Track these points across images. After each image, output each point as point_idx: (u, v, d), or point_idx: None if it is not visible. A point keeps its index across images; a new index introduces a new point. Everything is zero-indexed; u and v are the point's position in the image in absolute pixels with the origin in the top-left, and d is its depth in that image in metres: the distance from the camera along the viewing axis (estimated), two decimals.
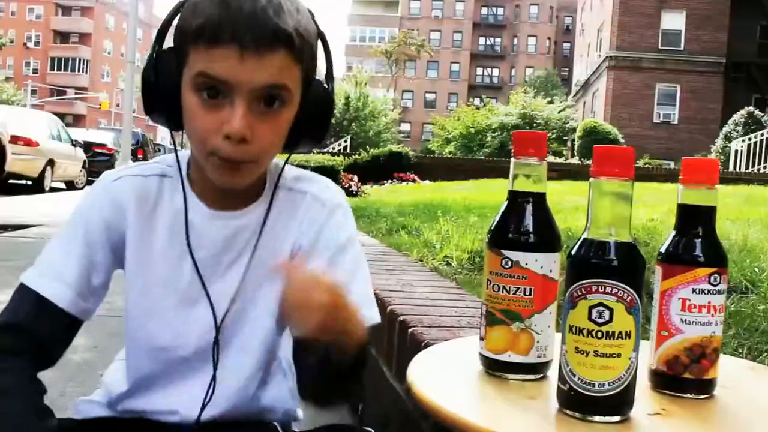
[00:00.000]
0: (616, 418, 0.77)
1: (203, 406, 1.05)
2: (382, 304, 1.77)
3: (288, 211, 1.07)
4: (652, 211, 4.63)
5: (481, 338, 0.93)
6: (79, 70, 69.33)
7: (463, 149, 27.23)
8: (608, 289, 0.75)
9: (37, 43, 69.70)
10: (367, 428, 1.00)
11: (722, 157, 19.43)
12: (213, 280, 1.05)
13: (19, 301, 1.01)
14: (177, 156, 1.06)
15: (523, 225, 0.90)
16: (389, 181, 12.45)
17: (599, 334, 0.76)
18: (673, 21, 28.48)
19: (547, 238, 0.91)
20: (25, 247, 5.26)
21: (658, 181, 11.18)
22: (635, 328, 0.76)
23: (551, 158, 20.32)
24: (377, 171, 12.84)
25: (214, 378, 1.05)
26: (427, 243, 3.34)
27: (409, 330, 1.47)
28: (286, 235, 1.06)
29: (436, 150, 29.51)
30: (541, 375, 0.92)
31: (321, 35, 1.01)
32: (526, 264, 0.89)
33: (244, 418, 1.09)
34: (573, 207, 5.00)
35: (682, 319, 0.87)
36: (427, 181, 12.51)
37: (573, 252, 0.79)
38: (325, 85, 1.02)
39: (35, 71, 68.64)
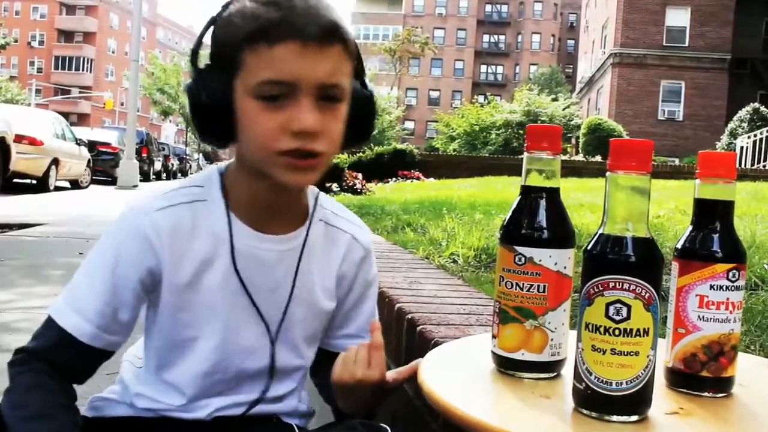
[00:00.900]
0: (634, 418, 0.75)
1: (251, 405, 1.08)
2: (389, 302, 1.75)
3: (329, 245, 1.12)
4: (658, 208, 4.61)
5: (494, 336, 0.91)
6: (83, 69, 69.43)
7: (467, 147, 27.21)
8: (626, 286, 0.73)
9: (41, 43, 69.82)
10: (383, 425, 0.99)
11: None
12: (262, 303, 1.06)
13: (44, 329, 1.01)
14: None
15: (537, 220, 0.89)
16: (393, 178, 12.42)
17: (617, 332, 0.74)
18: (678, 17, 28.38)
19: (561, 233, 0.89)
20: (29, 246, 5.26)
21: (662, 177, 11.15)
22: (653, 325, 0.74)
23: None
24: (381, 169, 12.82)
25: (262, 395, 1.08)
26: (433, 240, 3.32)
27: (418, 328, 1.45)
28: (326, 268, 1.12)
29: (441, 148, 29.47)
30: (555, 374, 0.90)
31: (356, 45, 1.02)
32: (540, 260, 0.87)
33: (263, 417, 1.10)
34: (578, 204, 4.97)
35: (699, 316, 0.85)
36: (431, 179, 12.48)
37: (589, 247, 0.77)
38: (368, 84, 1.05)
39: (39, 70, 68.76)
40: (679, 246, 0.89)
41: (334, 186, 8.81)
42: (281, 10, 0.90)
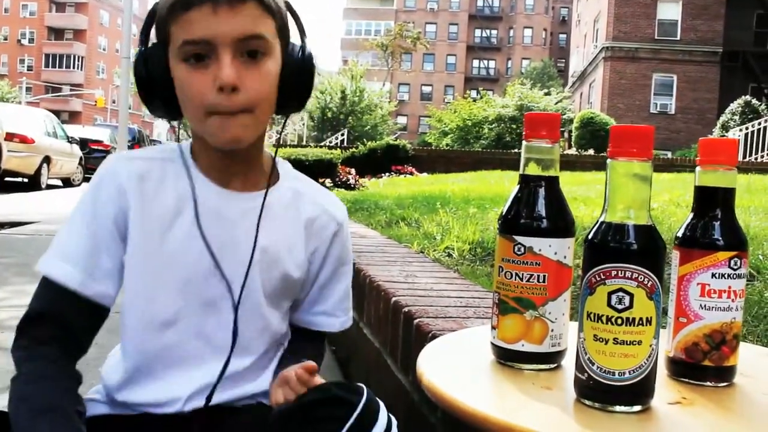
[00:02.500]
0: (638, 408, 0.74)
1: (211, 392, 1.05)
2: (385, 295, 1.74)
3: (298, 212, 1.13)
4: (652, 200, 4.61)
5: (493, 327, 0.90)
6: (74, 67, 69.05)
7: (460, 141, 27.16)
8: (628, 274, 0.72)
9: (31, 40, 69.39)
10: (359, 384, 0.99)
11: None
12: (223, 259, 1.06)
13: (40, 288, 1.05)
14: (178, 135, 1.11)
15: (536, 210, 0.87)
16: (387, 173, 12.40)
17: (619, 321, 0.73)
18: (669, 11, 28.41)
19: (560, 223, 0.88)
20: (21, 244, 5.23)
21: (656, 171, 11.13)
22: (656, 314, 0.73)
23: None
24: (375, 164, 12.79)
25: (227, 361, 1.06)
26: (428, 235, 3.31)
27: (415, 321, 1.44)
28: (293, 234, 1.13)
29: (434, 143, 29.41)
30: (556, 365, 0.89)
31: (288, 4, 1.07)
32: (540, 250, 0.86)
33: (242, 404, 1.09)
34: (571, 198, 4.97)
35: (701, 305, 0.84)
36: (424, 174, 12.46)
37: (590, 236, 0.76)
38: (304, 47, 1.08)
39: (30, 68, 68.35)
40: (679, 234, 0.88)
41: (327, 181, 8.80)
42: None
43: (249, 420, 1.07)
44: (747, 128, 17.65)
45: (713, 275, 0.84)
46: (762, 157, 16.81)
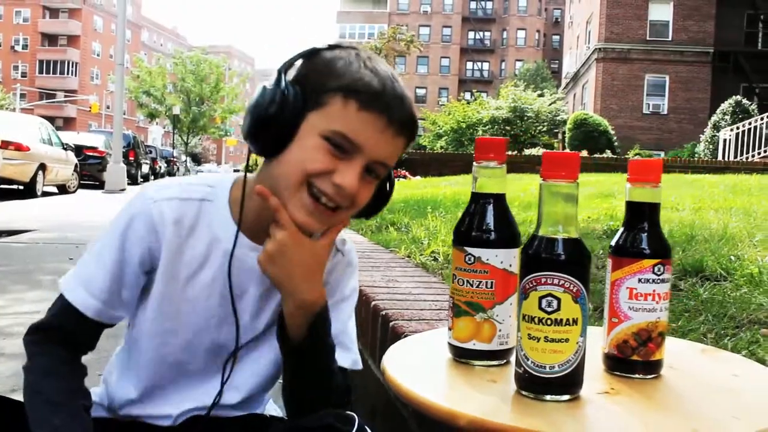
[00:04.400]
0: (566, 397, 0.85)
1: (208, 411, 1.14)
2: (366, 299, 1.85)
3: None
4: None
5: (449, 328, 1.01)
6: (68, 73, 69.09)
7: (454, 144, 27.28)
8: (556, 281, 0.83)
9: (24, 46, 69.41)
10: (350, 413, 1.06)
11: (711, 146, 19.58)
12: (240, 310, 1.12)
13: (58, 304, 1.10)
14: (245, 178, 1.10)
15: (485, 224, 0.98)
16: None
17: (549, 322, 0.84)
18: (661, 12, 28.62)
19: (506, 235, 0.99)
20: (18, 252, 5.31)
21: None
22: (582, 315, 0.85)
23: (543, 151, 20.36)
24: None
25: (220, 393, 1.14)
26: (416, 239, 3.41)
27: (391, 323, 1.55)
28: None
29: (428, 145, 29.53)
30: (505, 361, 1.00)
31: None
32: (487, 259, 0.97)
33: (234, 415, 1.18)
34: None
35: (629, 307, 0.95)
36: (418, 177, 12.58)
37: (526, 248, 0.87)
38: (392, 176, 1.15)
39: (24, 74, 68.37)
40: (613, 244, 0.99)
41: None
42: (382, 85, 1.00)
43: None
44: (738, 128, 17.81)
45: (640, 280, 0.95)
46: (752, 156, 16.96)
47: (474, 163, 1.01)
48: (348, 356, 1.16)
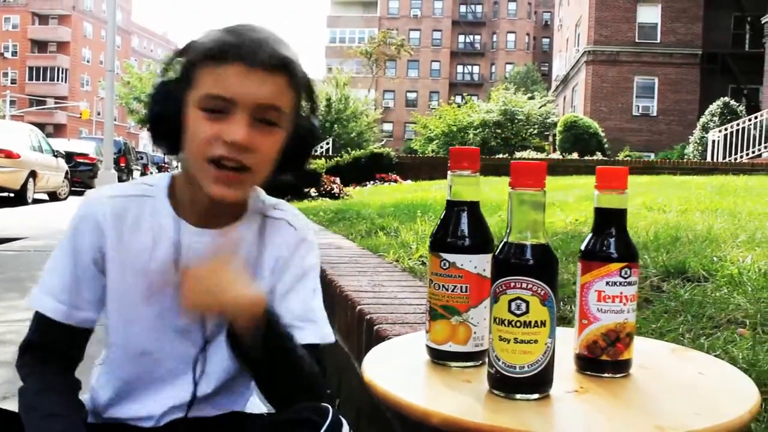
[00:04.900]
0: (536, 396, 0.89)
1: (186, 412, 1.17)
2: (352, 304, 1.89)
3: (268, 236, 1.20)
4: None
5: (426, 331, 1.05)
6: (58, 79, 68.90)
7: (445, 147, 27.34)
8: (524, 285, 0.88)
9: (14, 53, 69.19)
10: (325, 405, 1.07)
11: (700, 147, 19.70)
12: None
13: (33, 320, 1.16)
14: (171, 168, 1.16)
15: (459, 230, 1.02)
16: (371, 182, 12.56)
17: (518, 324, 0.88)
18: (649, 14, 28.81)
19: (479, 241, 1.03)
20: (9, 260, 5.32)
21: (636, 173, 11.34)
22: (550, 317, 0.89)
23: (533, 153, 20.52)
24: (359, 172, 12.95)
25: (195, 384, 1.17)
26: (404, 243, 3.45)
27: (375, 327, 1.59)
28: (267, 257, 1.19)
29: (419, 149, 29.62)
30: (480, 362, 1.04)
31: (308, 80, 1.14)
32: (462, 265, 1.01)
33: (215, 415, 1.21)
34: (550, 202, 5.11)
35: (598, 309, 0.99)
36: (409, 181, 12.63)
37: (496, 253, 0.91)
38: (312, 120, 1.16)
39: (13, 81, 68.13)
40: (582, 248, 1.03)
41: (312, 191, 8.93)
42: (238, 38, 1.04)
43: None
44: (726, 129, 17.94)
45: (607, 283, 0.99)
46: (741, 157, 17.09)
47: (449, 172, 1.05)
48: (317, 331, 1.17)
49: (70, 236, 1.15)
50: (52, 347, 1.14)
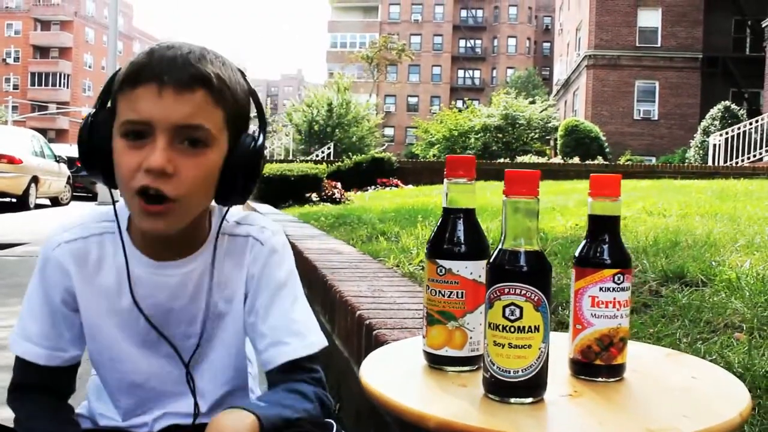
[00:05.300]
0: (530, 400, 0.91)
1: (194, 421, 1.18)
2: (352, 309, 1.90)
3: (235, 257, 1.15)
4: (626, 210, 4.76)
5: (423, 336, 1.07)
6: (60, 85, 69.08)
7: (446, 152, 27.40)
8: (518, 291, 0.89)
9: (16, 59, 69.41)
10: (328, 420, 1.12)
11: (701, 151, 19.73)
12: (171, 324, 1.14)
13: (16, 362, 1.15)
14: (115, 211, 1.11)
15: (455, 237, 1.04)
16: (373, 186, 12.57)
17: (512, 329, 0.90)
18: (650, 18, 28.86)
19: (475, 248, 1.04)
20: (11, 265, 5.34)
21: (637, 177, 11.37)
22: (543, 322, 0.90)
23: (535, 158, 20.56)
24: (360, 177, 12.95)
25: (196, 405, 1.17)
26: (405, 248, 3.47)
27: (374, 332, 1.60)
28: (238, 279, 1.16)
29: (420, 154, 29.68)
30: (476, 366, 1.05)
31: (252, 92, 1.10)
32: (458, 271, 1.03)
33: None
34: (549, 208, 5.13)
35: (592, 314, 1.01)
36: (410, 186, 12.65)
37: (491, 260, 0.93)
38: (255, 137, 1.07)
39: (15, 87, 68.34)
40: (576, 255, 1.05)
41: (314, 196, 8.94)
42: (148, 56, 1.00)
43: None
44: (727, 133, 17.96)
45: (601, 289, 1.01)
46: (742, 161, 17.10)
47: (445, 180, 1.07)
48: (304, 344, 1.13)
49: (39, 281, 1.13)
50: (41, 385, 1.14)
